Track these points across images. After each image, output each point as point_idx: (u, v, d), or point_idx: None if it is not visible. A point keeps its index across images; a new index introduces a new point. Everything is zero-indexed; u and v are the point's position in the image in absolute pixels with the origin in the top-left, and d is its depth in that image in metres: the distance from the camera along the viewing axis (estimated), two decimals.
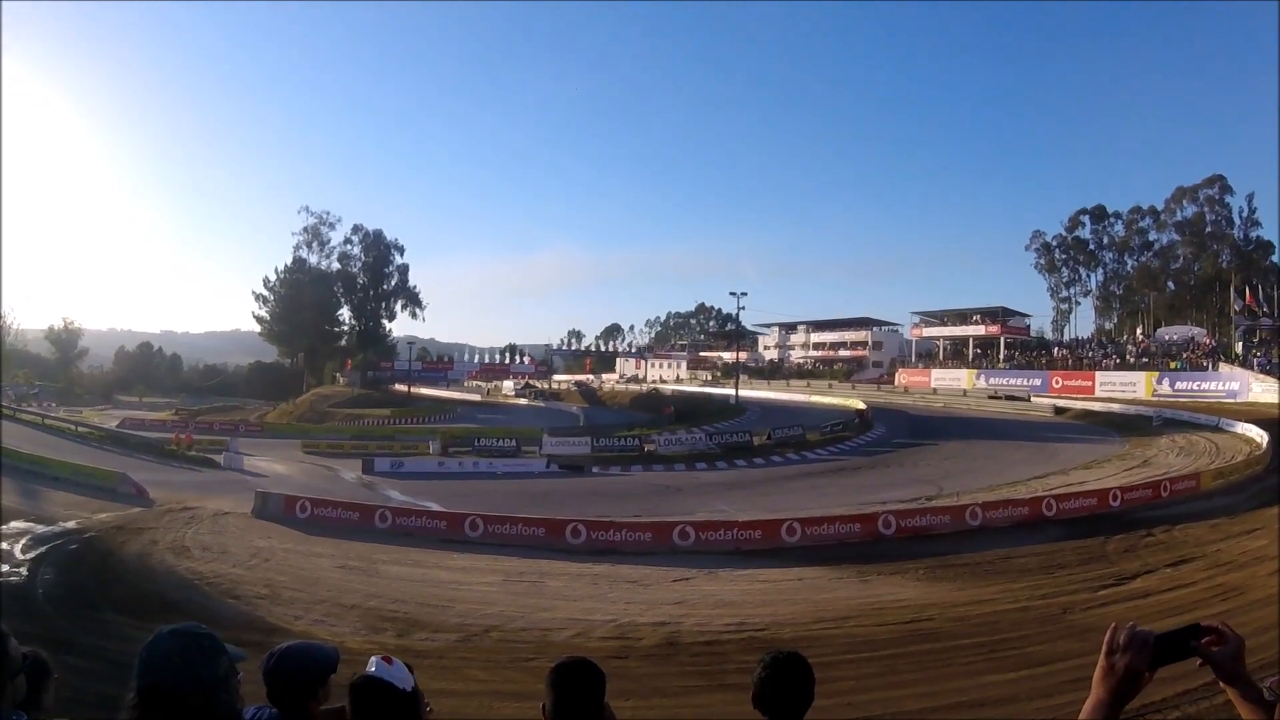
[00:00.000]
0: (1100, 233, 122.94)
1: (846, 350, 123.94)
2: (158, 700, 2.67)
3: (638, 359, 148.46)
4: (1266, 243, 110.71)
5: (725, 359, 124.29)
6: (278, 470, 47.88)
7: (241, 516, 30.58)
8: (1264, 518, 29.41)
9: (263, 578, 22.47)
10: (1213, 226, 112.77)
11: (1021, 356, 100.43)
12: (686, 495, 40.12)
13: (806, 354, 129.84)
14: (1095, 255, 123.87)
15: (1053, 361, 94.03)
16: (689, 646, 17.05)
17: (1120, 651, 2.17)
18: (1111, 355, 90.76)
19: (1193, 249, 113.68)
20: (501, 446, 56.62)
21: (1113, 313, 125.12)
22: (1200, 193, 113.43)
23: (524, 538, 28.04)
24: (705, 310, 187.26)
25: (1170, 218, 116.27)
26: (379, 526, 29.50)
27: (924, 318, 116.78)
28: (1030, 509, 31.20)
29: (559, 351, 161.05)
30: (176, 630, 2.79)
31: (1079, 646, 15.92)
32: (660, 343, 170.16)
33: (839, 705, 12.92)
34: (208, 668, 2.73)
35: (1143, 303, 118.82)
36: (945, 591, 21.77)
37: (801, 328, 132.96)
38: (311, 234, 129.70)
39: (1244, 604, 19.06)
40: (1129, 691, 2.17)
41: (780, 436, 59.45)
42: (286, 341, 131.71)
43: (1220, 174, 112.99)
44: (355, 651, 15.75)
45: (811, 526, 28.60)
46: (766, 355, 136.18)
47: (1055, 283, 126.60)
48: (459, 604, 20.26)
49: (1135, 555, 24.99)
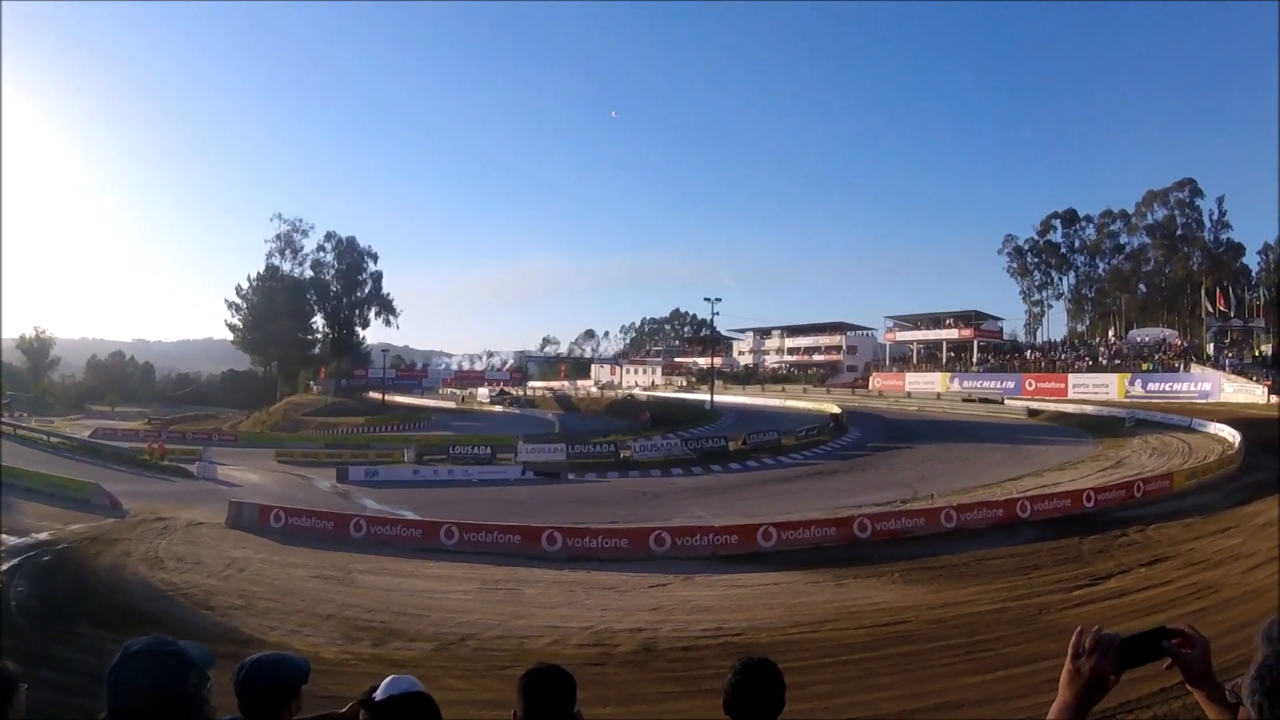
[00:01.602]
0: (1072, 236, 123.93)
1: (821, 355, 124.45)
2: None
3: (613, 365, 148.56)
4: (1237, 245, 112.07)
5: (700, 364, 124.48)
6: (252, 479, 47.53)
7: (215, 527, 30.33)
8: (1237, 516, 29.68)
9: (237, 588, 22.31)
10: (1183, 229, 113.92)
11: (995, 359, 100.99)
12: (662, 501, 40.10)
13: (781, 359, 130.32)
14: (1067, 258, 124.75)
15: (1026, 364, 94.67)
16: (666, 652, 17.03)
17: (1086, 655, 2.19)
18: (1084, 357, 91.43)
19: (1164, 252, 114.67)
20: (477, 454, 56.36)
21: (1085, 315, 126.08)
22: (1171, 196, 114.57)
23: (500, 545, 27.99)
24: (680, 316, 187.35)
25: (1141, 221, 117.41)
26: (354, 535, 29.31)
27: (898, 322, 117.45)
28: (1005, 511, 31.36)
29: (534, 358, 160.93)
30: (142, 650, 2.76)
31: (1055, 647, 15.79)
32: (635, 349, 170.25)
33: (816, 709, 12.95)
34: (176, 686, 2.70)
35: (1114, 305, 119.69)
36: (921, 594, 21.84)
37: (776, 333, 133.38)
38: (284, 241, 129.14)
39: (1218, 602, 19.21)
40: (1095, 694, 2.19)
41: (756, 441, 59.54)
42: (260, 350, 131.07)
43: (1190, 177, 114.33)
44: (331, 662, 15.70)
45: (787, 531, 28.67)
46: (741, 360, 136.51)
47: (1028, 286, 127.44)
48: (435, 612, 20.20)
49: (1110, 555, 25.15)
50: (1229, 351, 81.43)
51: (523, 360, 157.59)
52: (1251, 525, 28.08)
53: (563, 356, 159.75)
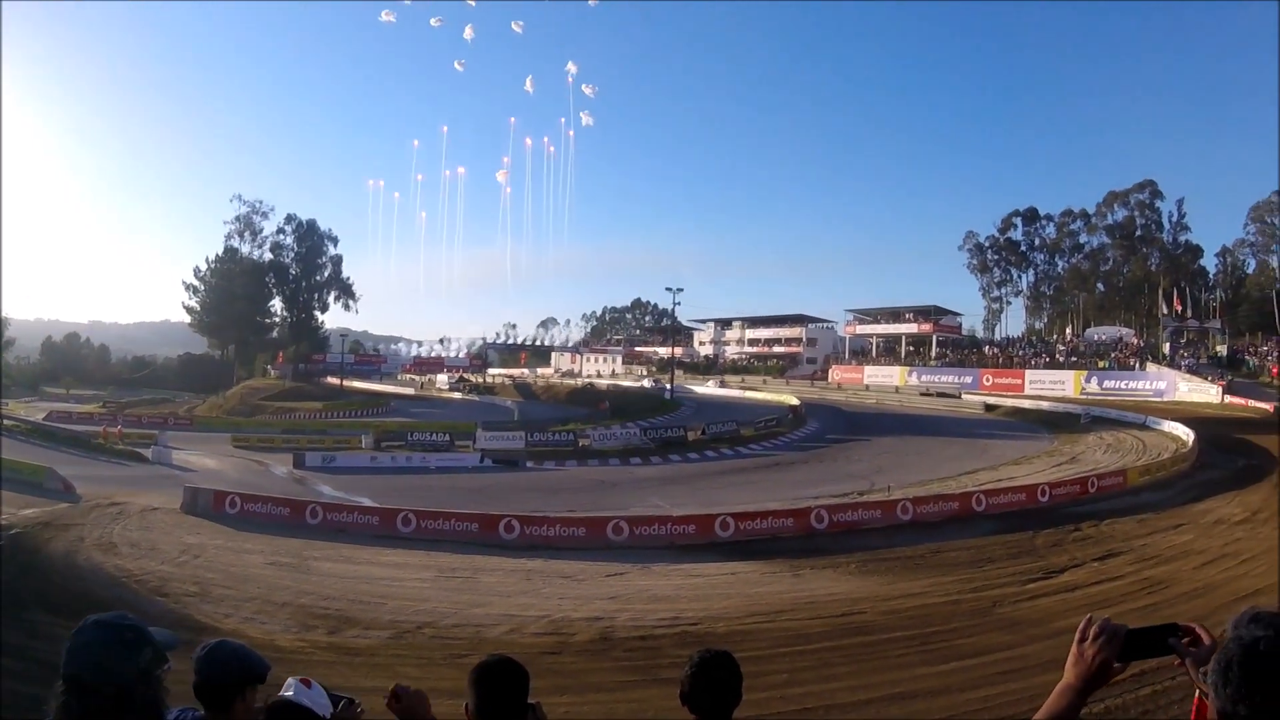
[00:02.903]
0: (1032, 234, 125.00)
1: (781, 346, 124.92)
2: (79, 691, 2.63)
3: (573, 353, 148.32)
4: (1195, 247, 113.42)
5: (661, 354, 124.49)
6: (207, 465, 47.12)
7: (170, 512, 30.03)
8: (1189, 514, 30.13)
9: (192, 575, 22.12)
10: (1143, 230, 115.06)
11: (953, 354, 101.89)
12: (621, 490, 40.16)
13: (741, 350, 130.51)
14: (1027, 256, 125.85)
15: (984, 359, 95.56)
16: (623, 641, 17.07)
17: (1090, 641, 2.23)
18: (1041, 354, 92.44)
19: (1122, 252, 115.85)
20: (435, 441, 56.25)
21: (1043, 312, 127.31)
22: (1131, 197, 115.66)
23: (457, 533, 27.88)
24: (641, 305, 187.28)
25: (1101, 221, 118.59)
26: (310, 522, 29.14)
27: (858, 315, 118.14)
28: (960, 504, 31.64)
29: (494, 345, 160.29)
30: (101, 620, 2.74)
31: (1008, 639, 16.21)
32: (596, 337, 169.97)
33: (773, 699, 13.02)
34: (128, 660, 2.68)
35: (1072, 303, 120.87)
36: (877, 585, 21.99)
37: (737, 324, 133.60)
38: (243, 223, 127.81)
39: (1170, 597, 19.55)
40: (1097, 680, 2.24)
41: (715, 432, 59.76)
42: (217, 333, 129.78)
43: (1151, 179, 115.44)
44: (287, 650, 15.63)
45: (745, 521, 28.74)
46: (702, 351, 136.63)
47: (987, 282, 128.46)
48: (392, 600, 20.11)
49: (1063, 549, 25.45)
50: (1185, 351, 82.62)
51: (483, 347, 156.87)
52: (1203, 522, 28.55)
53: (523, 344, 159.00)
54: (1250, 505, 30.93)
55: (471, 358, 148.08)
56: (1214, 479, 36.66)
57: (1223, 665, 1.86)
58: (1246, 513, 29.73)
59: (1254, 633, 1.84)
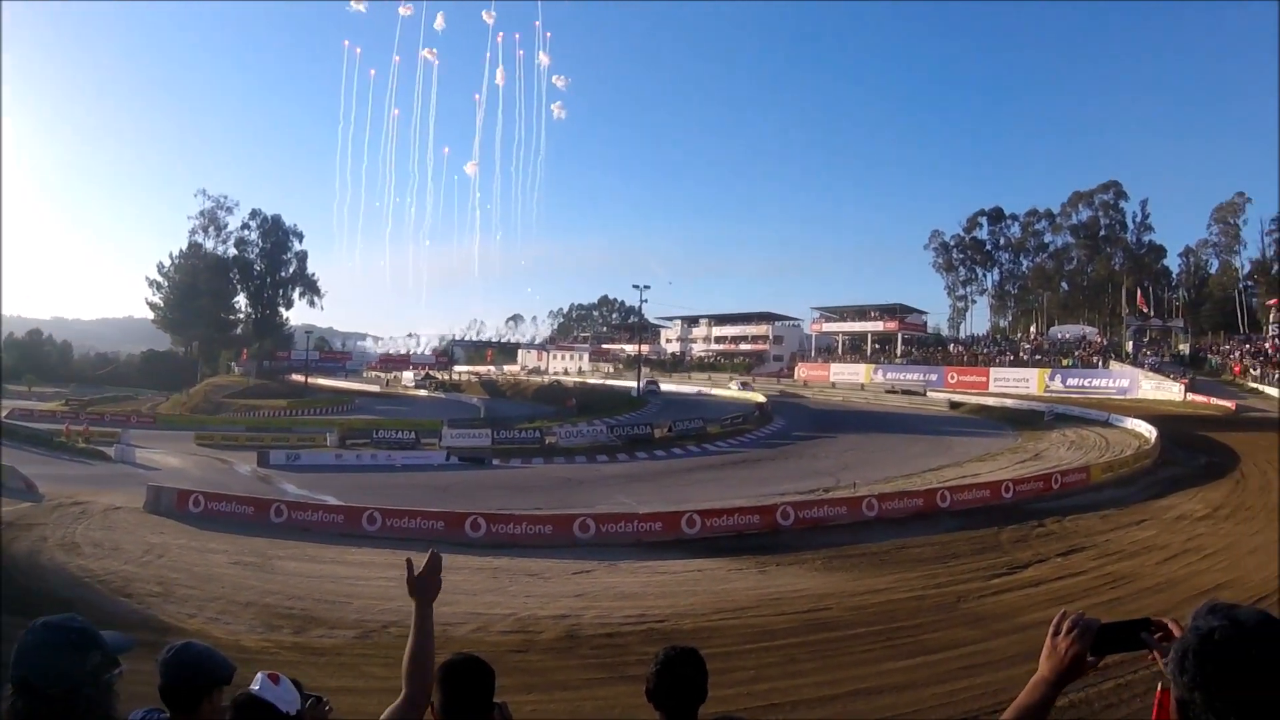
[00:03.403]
0: (997, 234, 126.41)
1: (747, 344, 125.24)
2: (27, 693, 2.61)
3: (540, 351, 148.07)
4: (1158, 247, 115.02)
5: (628, 351, 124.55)
6: (171, 463, 46.79)
7: (133, 511, 29.77)
8: (1152, 510, 30.48)
9: (156, 575, 21.92)
10: (1107, 230, 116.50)
11: (919, 352, 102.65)
12: (587, 488, 40.17)
13: (708, 347, 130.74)
14: (992, 255, 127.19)
15: (949, 357, 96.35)
16: (590, 639, 17.04)
17: (1063, 635, 2.26)
18: (1006, 352, 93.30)
19: (1087, 251, 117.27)
20: (400, 439, 56.14)
21: (1008, 311, 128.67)
22: (1095, 197, 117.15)
23: (423, 531, 27.73)
24: (609, 302, 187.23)
25: (1066, 221, 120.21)
26: (274, 521, 28.93)
27: (824, 313, 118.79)
28: (925, 500, 31.86)
29: (460, 342, 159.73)
30: (49, 622, 2.72)
31: (973, 634, 16.31)
32: (563, 334, 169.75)
33: (739, 695, 13.03)
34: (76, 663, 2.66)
35: (1037, 302, 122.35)
36: (843, 581, 22.06)
37: (704, 321, 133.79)
38: (208, 218, 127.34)
39: (1133, 592, 19.72)
40: (1071, 674, 2.27)
41: (681, 429, 59.89)
42: (181, 329, 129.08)
43: (1116, 180, 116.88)
44: (252, 650, 15.53)
45: (711, 518, 28.85)
46: (669, 348, 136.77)
47: (953, 281, 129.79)
48: (357, 599, 19.99)
49: (1027, 545, 25.64)
50: (1148, 350, 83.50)
51: (449, 344, 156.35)
52: (1166, 518, 28.86)
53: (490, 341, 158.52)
54: (1212, 502, 31.27)
55: (438, 355, 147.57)
56: (1176, 476, 37.07)
57: (1180, 654, 1.90)
58: (1208, 509, 30.06)
59: (1210, 623, 1.87)
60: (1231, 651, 1.82)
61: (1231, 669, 1.81)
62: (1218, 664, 1.82)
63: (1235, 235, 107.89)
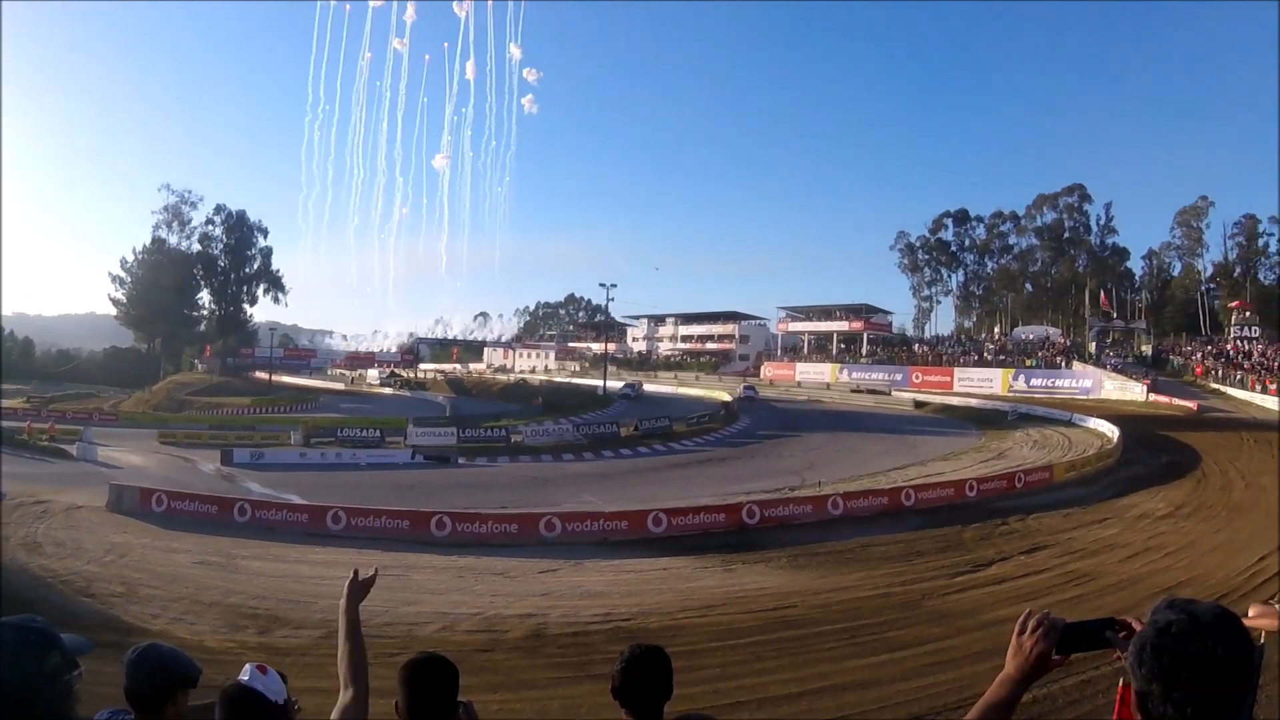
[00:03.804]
0: (962, 235, 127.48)
1: (714, 343, 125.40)
2: None
3: (506, 349, 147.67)
4: (1122, 249, 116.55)
5: (594, 350, 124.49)
6: (133, 461, 46.44)
7: (96, 510, 29.55)
8: (1114, 508, 30.80)
9: (118, 575, 21.75)
10: (1070, 233, 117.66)
11: (884, 352, 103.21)
12: (554, 486, 40.10)
13: (674, 346, 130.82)
14: (957, 256, 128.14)
15: (914, 357, 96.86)
16: (556, 638, 17.03)
17: (1029, 634, 2.29)
18: (970, 353, 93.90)
19: (1051, 253, 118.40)
20: (365, 437, 55.86)
21: (972, 312, 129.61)
22: (1060, 200, 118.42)
23: (388, 530, 27.73)
24: (575, 300, 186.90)
25: (1030, 223, 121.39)
26: (238, 520, 28.76)
27: (790, 313, 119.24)
28: (890, 499, 32.04)
29: (426, 340, 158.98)
30: (7, 623, 2.70)
31: (938, 631, 16.42)
32: (529, 333, 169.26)
33: (705, 693, 13.06)
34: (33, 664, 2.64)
35: (1001, 303, 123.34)
36: (808, 579, 22.15)
37: (670, 320, 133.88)
38: (172, 213, 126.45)
39: (1095, 589, 19.93)
40: (1036, 672, 2.30)
41: (647, 428, 59.94)
42: (144, 326, 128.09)
43: (1080, 183, 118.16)
44: (216, 651, 15.42)
45: (677, 517, 28.90)
46: (635, 347, 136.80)
47: (918, 282, 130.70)
48: (322, 599, 19.84)
49: (991, 543, 25.86)
50: (1110, 351, 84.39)
51: (414, 342, 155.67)
52: (1128, 517, 29.18)
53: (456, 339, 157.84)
54: (1174, 500, 31.66)
55: (403, 352, 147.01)
56: (1138, 475, 37.45)
57: (1139, 647, 1.94)
58: (1170, 508, 30.41)
59: (1168, 617, 1.92)
60: (1188, 644, 1.86)
61: (1187, 662, 1.85)
62: (1174, 656, 1.87)
63: (1198, 238, 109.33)
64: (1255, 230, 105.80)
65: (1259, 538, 24.50)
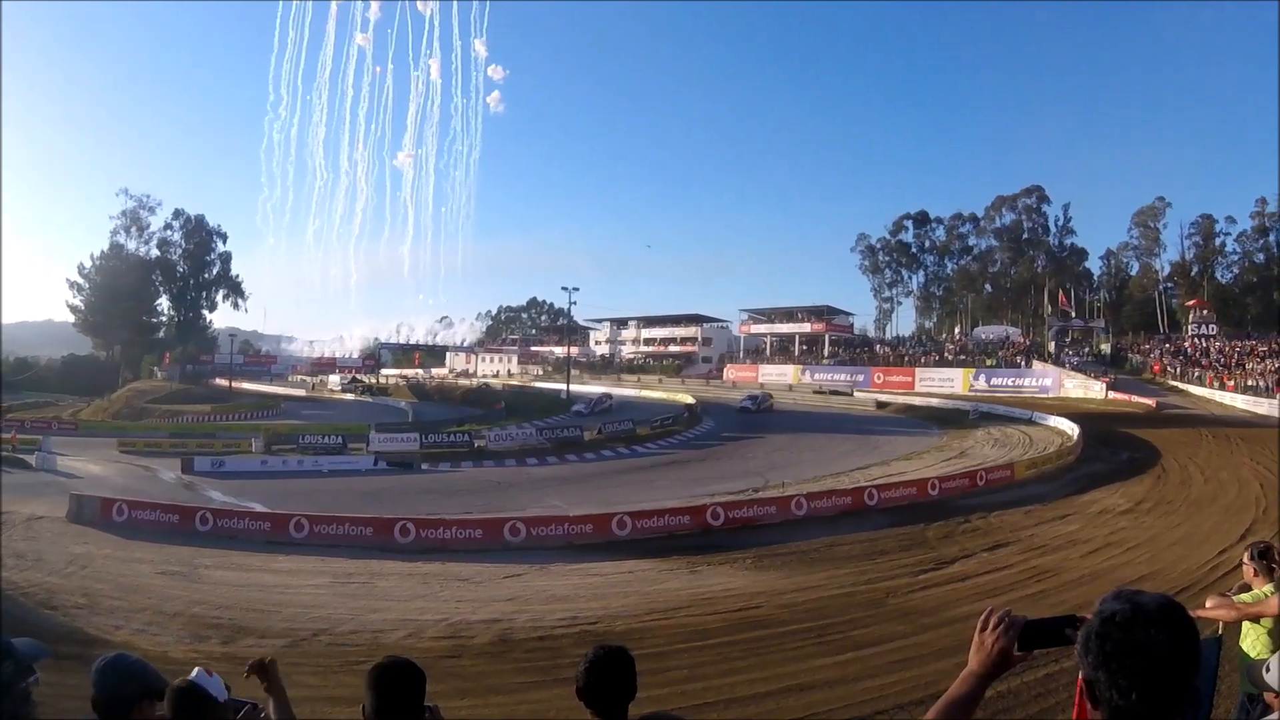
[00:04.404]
0: (923, 237, 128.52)
1: (677, 346, 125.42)
2: None
3: (468, 353, 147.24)
4: (1080, 250, 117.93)
5: (557, 353, 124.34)
6: (93, 471, 45.98)
7: (56, 521, 29.32)
8: (1075, 504, 31.09)
9: (80, 586, 21.56)
10: (1029, 233, 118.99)
11: (845, 353, 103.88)
12: (518, 491, 40.05)
13: (637, 349, 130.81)
14: (917, 258, 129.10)
15: (875, 358, 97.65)
16: (522, 643, 17.01)
17: (990, 630, 2.35)
18: (931, 353, 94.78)
19: (1010, 254, 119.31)
20: (327, 443, 55.68)
21: (933, 312, 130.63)
22: (1019, 201, 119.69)
23: (352, 538, 27.62)
24: (538, 304, 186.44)
25: (990, 224, 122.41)
26: (200, 529, 28.63)
27: (752, 315, 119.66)
28: (853, 499, 32.21)
29: (387, 345, 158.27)
30: None
31: (902, 628, 16.54)
32: (491, 337, 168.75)
33: (673, 694, 13.10)
34: None
35: (961, 303, 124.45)
36: (773, 579, 22.24)
37: (633, 323, 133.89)
38: (130, 218, 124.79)
39: (1058, 585, 20.13)
40: (998, 668, 2.37)
41: (611, 431, 59.94)
42: (102, 333, 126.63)
43: (1038, 185, 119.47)
44: (180, 662, 15.28)
45: (642, 519, 28.97)
46: (598, 350, 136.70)
47: (879, 283, 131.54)
48: (286, 608, 19.81)
49: (954, 541, 26.02)
50: (1070, 349, 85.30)
51: (376, 347, 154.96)
52: (1089, 513, 29.49)
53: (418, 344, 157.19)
54: (1134, 496, 31.97)
55: (365, 358, 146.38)
56: (1098, 471, 37.80)
57: (1085, 636, 2.01)
58: (1130, 503, 30.72)
59: (1113, 606, 1.99)
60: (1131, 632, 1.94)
61: (1131, 649, 1.92)
62: (1116, 644, 1.94)
63: (1155, 238, 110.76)
64: (1212, 230, 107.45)
65: (1219, 531, 24.84)
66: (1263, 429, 48.45)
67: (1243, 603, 6.86)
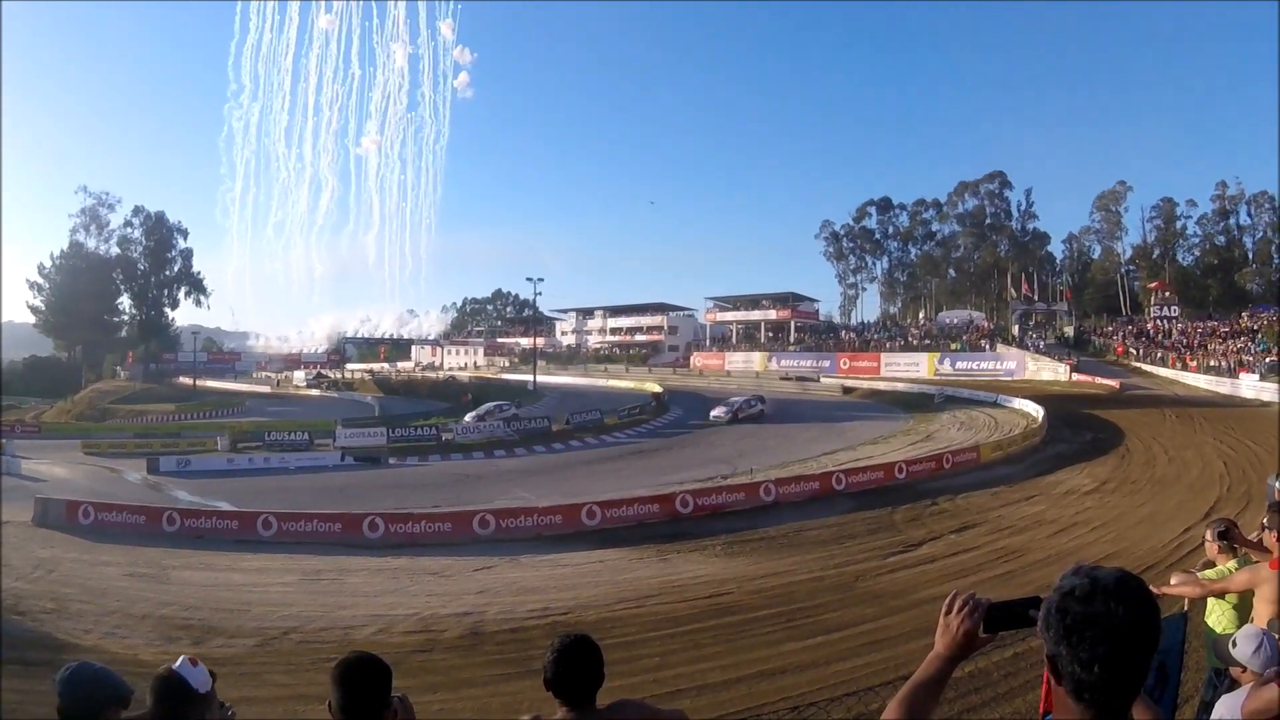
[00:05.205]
0: (886, 223, 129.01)
1: (643, 335, 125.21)
2: None
3: (434, 346, 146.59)
4: (1042, 234, 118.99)
5: (523, 345, 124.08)
6: (58, 473, 45.51)
7: (21, 525, 29.01)
8: (1040, 485, 31.46)
9: (48, 590, 21.37)
10: (992, 218, 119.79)
11: (811, 339, 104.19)
12: (486, 483, 40.01)
13: (604, 339, 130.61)
14: (881, 244, 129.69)
15: (841, 344, 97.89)
16: (493, 635, 17.02)
17: (955, 613, 2.40)
18: (896, 338, 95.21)
19: (973, 239, 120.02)
20: (293, 440, 55.25)
21: (897, 298, 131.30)
22: (981, 187, 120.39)
23: (320, 534, 27.56)
24: (503, 296, 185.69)
25: (952, 210, 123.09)
26: (167, 529, 28.45)
27: (718, 303, 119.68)
28: (821, 484, 32.40)
29: (352, 339, 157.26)
30: None
31: (872, 611, 16.67)
32: (457, 329, 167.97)
33: (645, 682, 13.15)
34: None
35: (925, 288, 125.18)
36: (743, 566, 22.39)
37: (599, 313, 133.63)
38: (89, 216, 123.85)
39: (1024, 565, 20.39)
40: (963, 651, 2.43)
41: (578, 421, 59.87)
42: (63, 333, 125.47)
43: (1000, 170, 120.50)
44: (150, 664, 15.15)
45: (611, 509, 29.05)
46: (564, 341, 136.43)
47: (843, 270, 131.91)
48: (256, 607, 19.73)
49: (921, 524, 26.27)
50: (1033, 333, 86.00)
51: (340, 342, 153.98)
52: (1054, 494, 29.83)
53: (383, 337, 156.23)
54: (1098, 476, 32.37)
55: (329, 353, 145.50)
56: (1063, 453, 38.21)
57: (1045, 612, 2.06)
58: (1095, 483, 31.09)
59: (1072, 581, 2.03)
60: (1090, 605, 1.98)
61: (1089, 622, 1.97)
62: (1076, 618, 1.98)
63: (1116, 222, 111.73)
64: (1173, 213, 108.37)
65: (1183, 510, 25.22)
66: (1225, 408, 49.28)
67: (1207, 579, 6.96)
